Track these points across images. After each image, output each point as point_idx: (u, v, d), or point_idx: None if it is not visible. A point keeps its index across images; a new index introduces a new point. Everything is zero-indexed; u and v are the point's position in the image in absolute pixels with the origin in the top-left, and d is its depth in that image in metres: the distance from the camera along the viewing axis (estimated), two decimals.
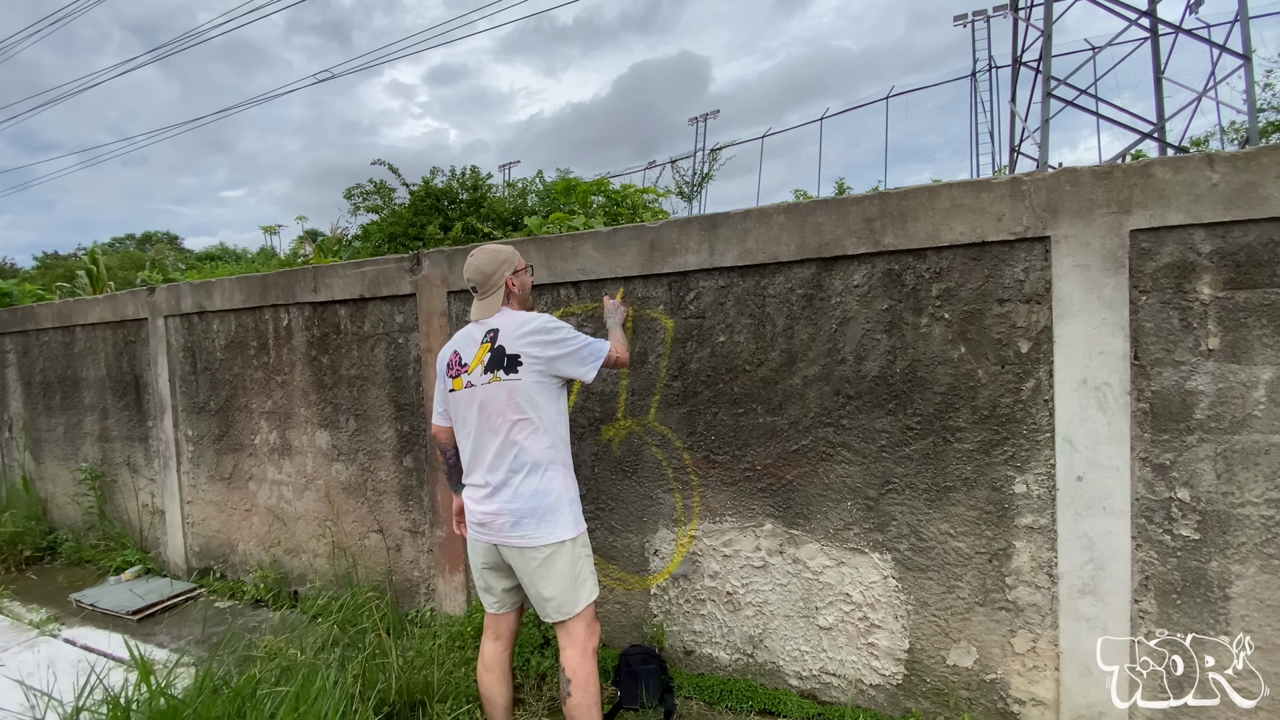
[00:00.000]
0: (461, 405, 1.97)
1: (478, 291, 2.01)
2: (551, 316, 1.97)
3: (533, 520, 1.86)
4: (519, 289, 2.07)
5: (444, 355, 2.06)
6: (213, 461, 3.93)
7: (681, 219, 2.36)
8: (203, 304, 3.82)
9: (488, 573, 2.02)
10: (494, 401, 1.89)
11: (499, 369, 1.89)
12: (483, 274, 1.99)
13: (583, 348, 1.94)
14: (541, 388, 1.90)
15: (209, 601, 3.80)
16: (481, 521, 1.93)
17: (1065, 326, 1.88)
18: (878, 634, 2.18)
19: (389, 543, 3.22)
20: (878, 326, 2.11)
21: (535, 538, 1.86)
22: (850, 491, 2.18)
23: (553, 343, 1.90)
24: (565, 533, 1.88)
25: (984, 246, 1.96)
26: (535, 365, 1.88)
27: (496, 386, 1.89)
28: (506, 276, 2.02)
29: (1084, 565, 1.90)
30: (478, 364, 1.93)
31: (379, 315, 3.16)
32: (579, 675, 1.88)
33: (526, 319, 1.94)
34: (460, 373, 1.97)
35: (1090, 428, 1.86)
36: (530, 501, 1.86)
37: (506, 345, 1.90)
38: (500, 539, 1.90)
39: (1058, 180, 1.87)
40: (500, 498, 1.88)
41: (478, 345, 1.95)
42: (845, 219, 2.10)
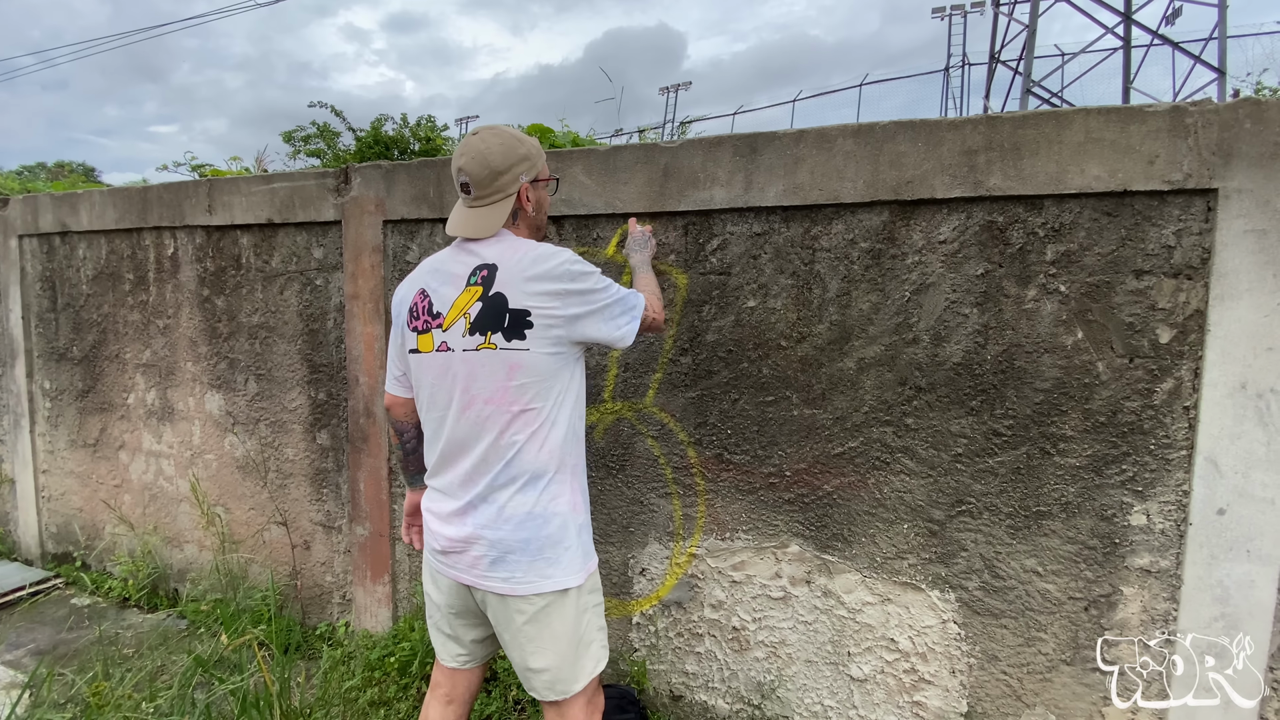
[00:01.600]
0: (430, 375, 1.34)
1: (469, 192, 1.33)
2: (573, 252, 1.32)
3: (523, 557, 1.27)
4: (534, 208, 1.41)
5: (403, 294, 1.42)
6: (75, 423, 3.13)
7: (710, 137, 1.77)
8: (66, 222, 2.98)
9: (452, 617, 1.43)
10: (484, 380, 1.26)
11: (494, 329, 1.25)
12: (488, 168, 1.31)
13: (616, 300, 1.34)
14: (558, 360, 1.29)
15: (65, 596, 3.03)
16: (446, 549, 1.34)
17: (1225, 311, 1.41)
18: (927, 691, 1.71)
19: (295, 538, 2.56)
20: (967, 298, 1.59)
21: (524, 583, 1.28)
22: (909, 511, 1.68)
23: (579, 294, 1.28)
24: (569, 577, 1.30)
25: (1124, 198, 1.46)
26: (552, 327, 1.26)
27: (490, 357, 1.25)
28: (523, 182, 1.36)
29: (1213, 622, 1.47)
30: (458, 315, 1.29)
31: (292, 247, 2.45)
32: None
33: (541, 253, 1.29)
34: (430, 326, 1.32)
35: (1244, 447, 1.41)
36: (521, 530, 1.27)
37: (508, 293, 1.25)
38: (473, 579, 1.31)
39: (1235, 114, 1.38)
40: (476, 519, 1.29)
41: (460, 286, 1.30)
42: (937, 149, 1.56)
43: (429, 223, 2.18)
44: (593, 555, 1.39)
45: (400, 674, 2.04)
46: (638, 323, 1.37)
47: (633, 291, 1.40)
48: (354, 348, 2.34)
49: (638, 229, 1.76)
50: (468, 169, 1.32)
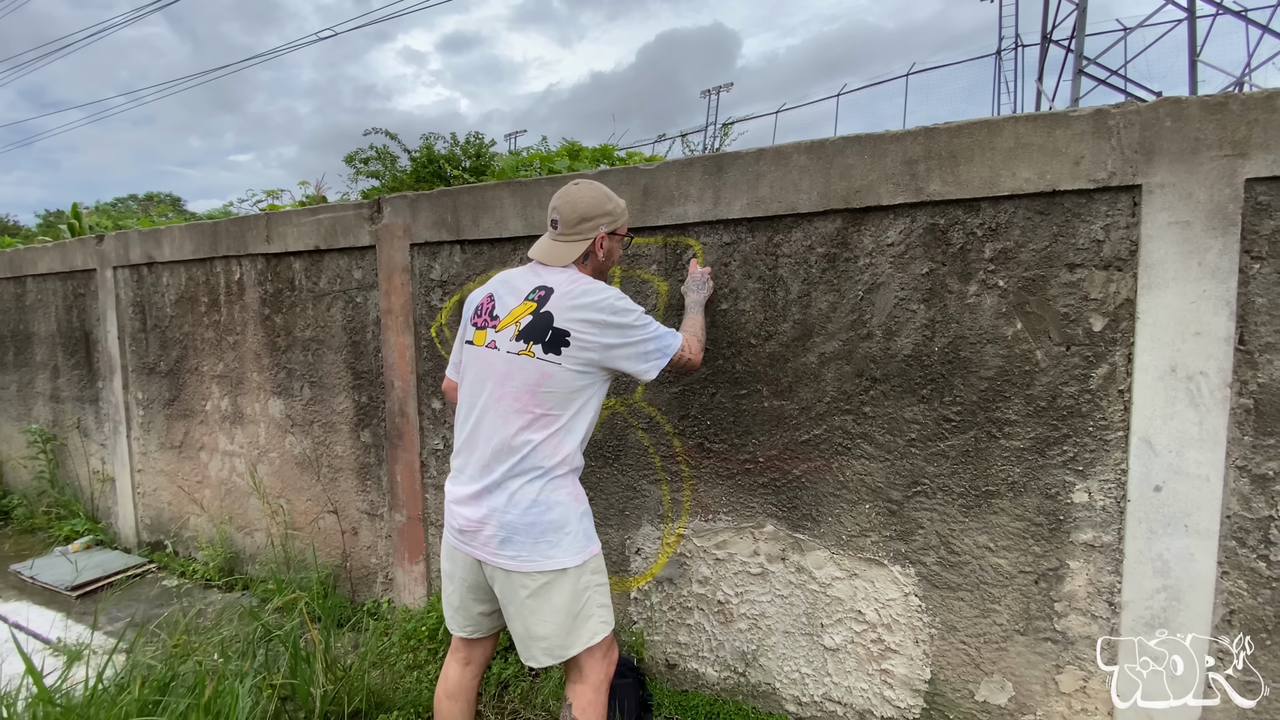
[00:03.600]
0: (475, 368, 1.56)
1: (556, 227, 1.58)
2: (623, 294, 1.53)
3: (527, 539, 1.46)
4: (604, 255, 1.62)
5: (475, 296, 1.66)
6: (163, 428, 3.60)
7: (683, 159, 1.97)
8: (152, 254, 3.45)
9: (465, 590, 1.62)
10: (516, 381, 1.47)
11: (536, 341, 1.46)
12: (575, 213, 1.56)
13: (650, 339, 1.52)
14: (584, 380, 1.49)
15: (157, 579, 3.50)
16: (463, 528, 1.53)
17: (1153, 300, 1.50)
18: (893, 659, 1.85)
19: (344, 525, 2.90)
20: (914, 295, 1.73)
21: (527, 561, 1.46)
22: (869, 492, 1.83)
23: (617, 327, 1.47)
24: (567, 558, 1.48)
25: (1054, 197, 1.57)
26: (585, 351, 1.46)
27: (526, 363, 1.46)
28: (601, 232, 1.58)
29: (1155, 594, 1.55)
30: (511, 322, 1.51)
31: (336, 270, 2.79)
32: (587, 716, 1.53)
33: (591, 288, 1.50)
34: (488, 325, 1.55)
35: (1177, 426, 1.50)
36: (527, 514, 1.46)
37: (556, 314, 1.46)
38: (485, 555, 1.50)
39: (1155, 114, 1.47)
40: (489, 503, 1.48)
41: (520, 298, 1.53)
42: (881, 160, 1.71)
43: (448, 244, 2.47)
44: (594, 541, 1.55)
45: (429, 639, 2.32)
46: (664, 362, 1.55)
47: (671, 332, 1.57)
48: (389, 356, 2.65)
49: (698, 271, 1.91)
50: (560, 209, 1.57)
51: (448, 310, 2.49)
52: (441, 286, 2.50)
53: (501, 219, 2.30)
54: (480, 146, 15.01)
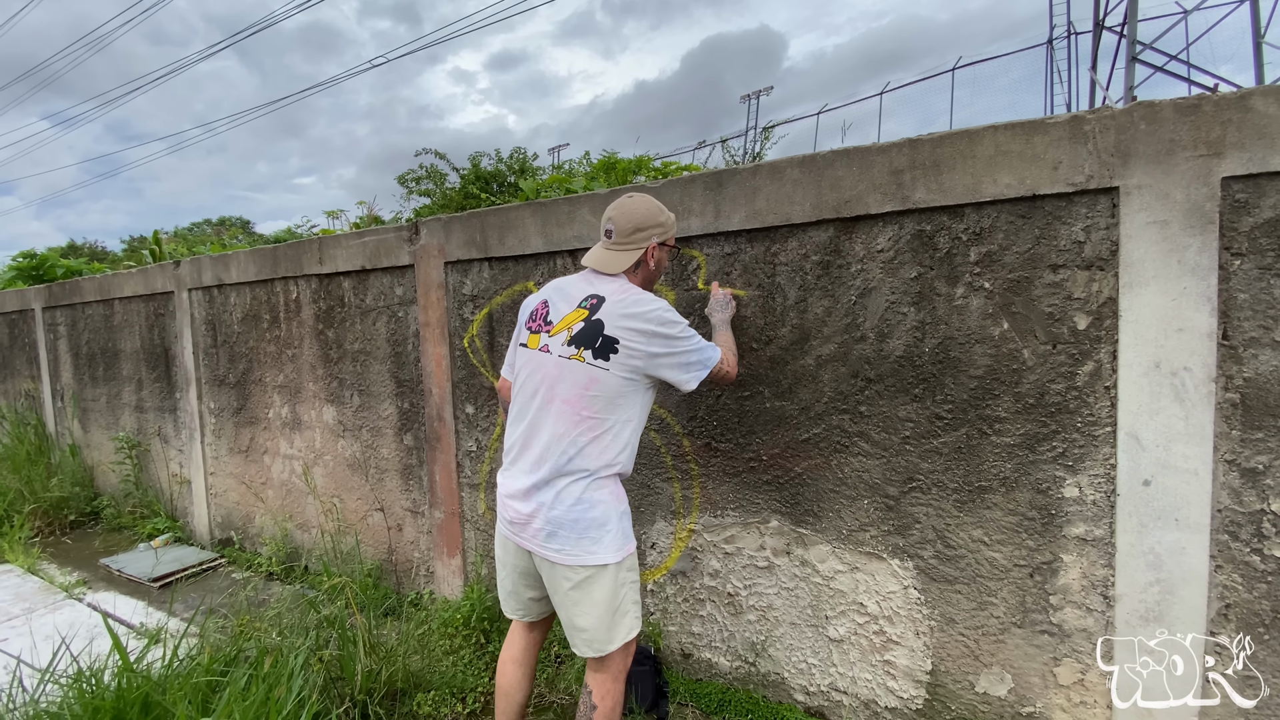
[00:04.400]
0: (527, 370, 1.67)
1: (610, 236, 1.67)
2: (670, 306, 1.62)
3: (571, 534, 1.55)
4: (654, 265, 1.71)
5: (531, 302, 1.76)
6: (232, 434, 3.95)
7: (685, 177, 2.11)
8: (221, 277, 3.82)
9: (516, 576, 1.74)
10: (567, 385, 1.57)
11: (587, 347, 1.56)
12: (631, 223, 1.65)
13: (693, 351, 1.61)
14: (629, 386, 1.57)
15: (227, 572, 3.83)
16: (513, 520, 1.64)
17: (1135, 298, 1.54)
18: (895, 651, 1.91)
19: (390, 522, 3.13)
20: (904, 298, 1.81)
21: (571, 555, 1.56)
22: (867, 488, 1.91)
23: (663, 338, 1.56)
24: (608, 554, 1.56)
25: (1035, 201, 1.64)
26: (632, 358, 1.55)
27: (576, 367, 1.56)
28: (653, 242, 1.68)
29: (1149, 587, 1.58)
30: (564, 328, 1.61)
31: (380, 287, 3.04)
32: (605, 703, 1.63)
33: (641, 298, 1.59)
34: (541, 330, 1.66)
35: (1163, 422, 1.53)
36: (572, 510, 1.55)
37: (606, 322, 1.56)
38: (533, 546, 1.61)
39: (1130, 117, 1.52)
40: (538, 498, 1.58)
41: (573, 305, 1.64)
42: (869, 172, 1.81)
43: (478, 261, 2.67)
44: (631, 539, 1.63)
45: (464, 626, 2.51)
46: (705, 373, 1.63)
47: (712, 346, 1.66)
48: (427, 365, 2.88)
49: (720, 292, 2.00)
50: (615, 220, 1.67)
51: (478, 322, 2.70)
52: (473, 300, 2.71)
53: (524, 237, 2.48)
54: (524, 161, 15.45)
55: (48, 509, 4.68)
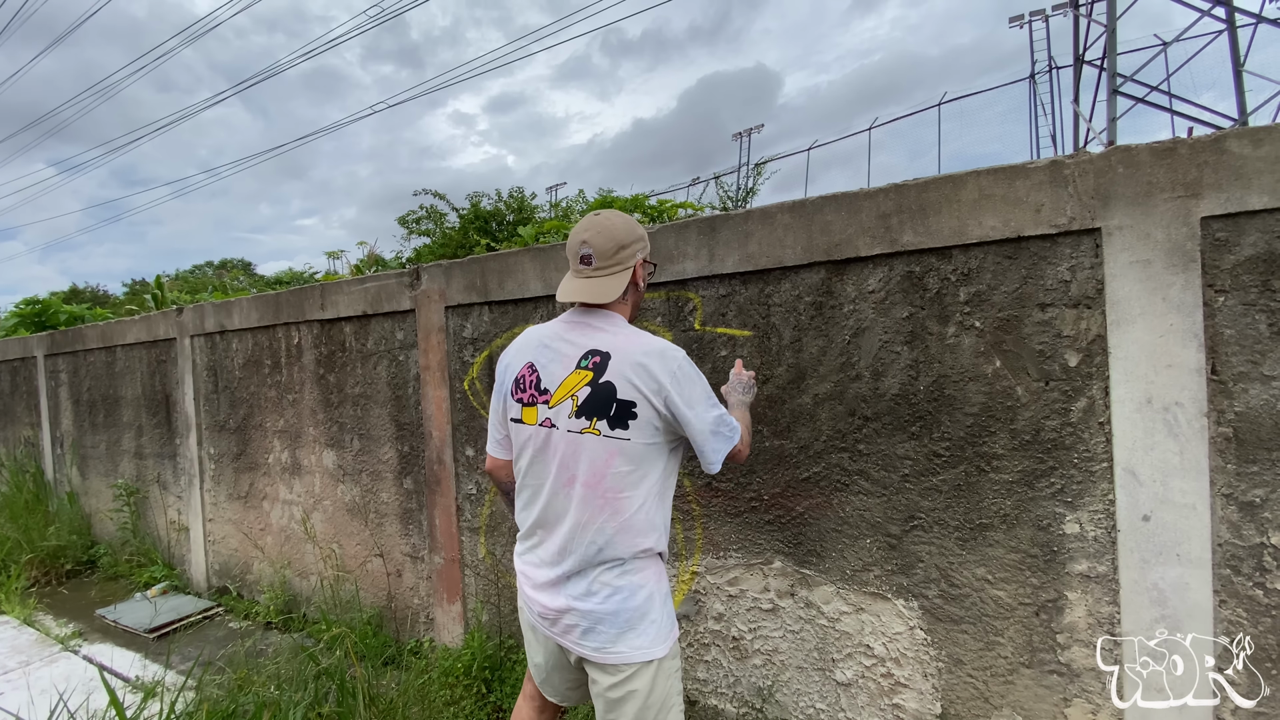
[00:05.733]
0: (532, 447, 1.42)
1: (590, 263, 1.40)
2: (686, 355, 1.40)
3: (612, 629, 1.37)
4: (643, 284, 1.51)
5: (509, 362, 1.51)
6: (231, 480, 3.94)
7: (679, 222, 2.16)
8: (223, 323, 3.86)
9: (550, 670, 1.56)
10: (585, 463, 1.35)
11: (600, 417, 1.33)
12: (613, 241, 1.40)
13: (719, 418, 1.39)
14: (655, 450, 1.36)
15: (224, 621, 3.77)
16: (543, 614, 1.45)
17: (1123, 335, 1.57)
18: (904, 694, 1.88)
19: (389, 568, 3.10)
20: (897, 337, 1.84)
21: (614, 653, 1.37)
22: (869, 527, 1.90)
23: (685, 400, 1.33)
24: (656, 649, 1.39)
25: (1021, 243, 1.68)
26: (653, 419, 1.34)
27: (593, 442, 1.34)
28: (639, 258, 1.45)
29: (1154, 624, 1.57)
30: (566, 396, 1.37)
31: (381, 332, 3.08)
32: None
33: (648, 348, 1.36)
34: (536, 400, 1.41)
35: (1158, 457, 1.54)
36: (610, 603, 1.36)
37: (618, 384, 1.33)
38: (568, 644, 1.43)
39: (1108, 161, 1.58)
40: (570, 591, 1.39)
41: (570, 367, 1.39)
42: (857, 216, 1.85)
43: (478, 305, 2.71)
44: (675, 625, 1.46)
45: (465, 675, 2.46)
46: (730, 447, 1.41)
47: (731, 419, 1.43)
48: (428, 409, 2.89)
49: (744, 375, 1.76)
50: (593, 241, 1.39)
51: (478, 365, 2.72)
52: (473, 344, 2.74)
53: (523, 281, 2.53)
54: (522, 201, 15.69)
55: (44, 558, 4.63)
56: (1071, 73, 15.37)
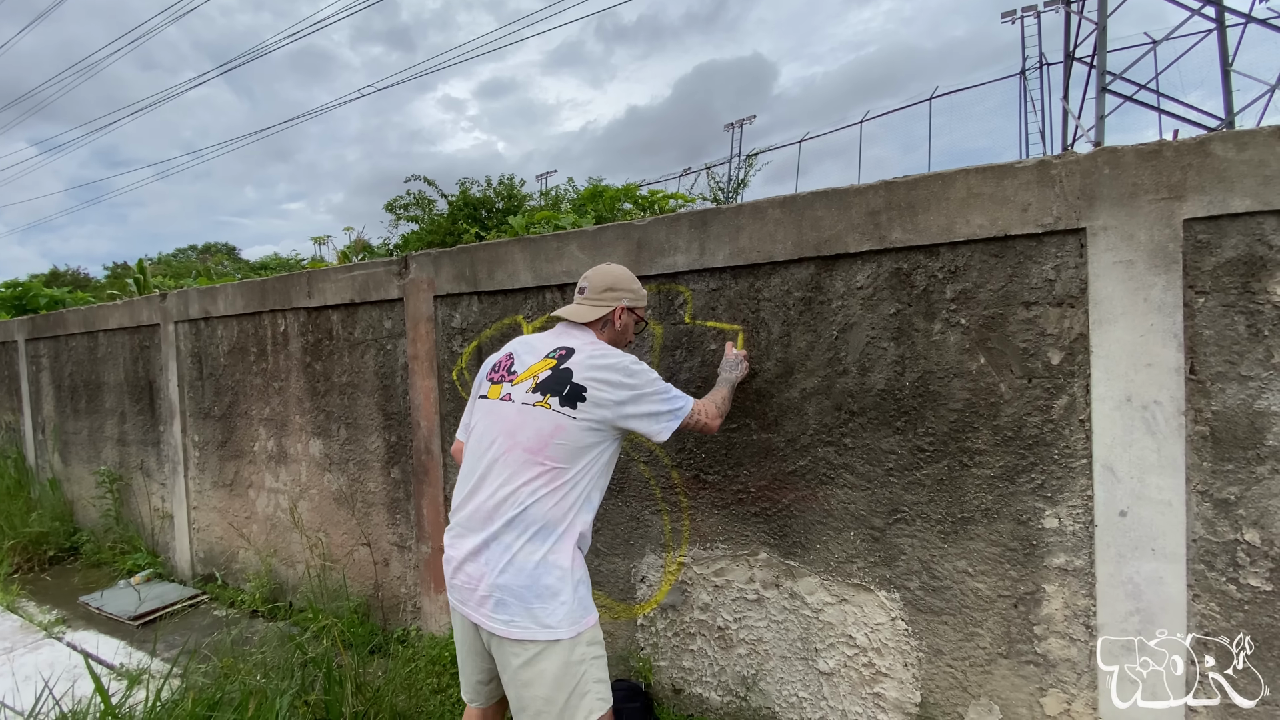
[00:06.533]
0: (484, 421, 1.58)
1: (583, 293, 1.71)
2: (640, 360, 1.61)
3: (521, 604, 1.42)
4: (619, 326, 1.72)
5: (494, 357, 1.72)
6: (216, 468, 3.91)
7: (670, 215, 2.16)
8: (208, 309, 3.81)
9: (465, 655, 1.62)
10: (529, 431, 1.49)
11: (554, 394, 1.51)
12: (604, 282, 1.71)
13: (662, 399, 1.57)
14: (594, 435, 1.51)
15: (209, 609, 3.76)
16: (462, 585, 1.51)
17: (1104, 334, 1.60)
18: (885, 683, 1.92)
19: (376, 557, 3.10)
20: (884, 333, 1.86)
21: (521, 628, 1.42)
22: (853, 520, 1.93)
23: (630, 386, 1.52)
24: (564, 630, 1.43)
25: (1007, 241, 1.70)
26: (599, 408, 1.50)
27: (541, 414, 1.49)
28: (622, 304, 1.70)
29: (1129, 617, 1.60)
30: (529, 376, 1.56)
31: (369, 320, 3.06)
32: None
33: (608, 351, 1.59)
34: (504, 380, 1.61)
35: (1136, 454, 1.57)
36: (524, 577, 1.42)
37: (575, 370, 1.52)
38: (480, 618, 1.47)
39: (1094, 162, 1.59)
40: (486, 559, 1.45)
41: (539, 356, 1.60)
42: (847, 212, 1.86)
43: (467, 295, 2.70)
44: (591, 610, 1.50)
45: (452, 663, 2.47)
46: (676, 424, 1.58)
47: (682, 395, 1.62)
48: (415, 398, 2.88)
49: (733, 353, 1.98)
50: (590, 278, 1.72)
51: (466, 355, 2.71)
52: (461, 334, 2.73)
53: (513, 271, 2.52)
54: (512, 188, 15.53)
55: (27, 544, 4.58)
56: (1062, 69, 15.43)
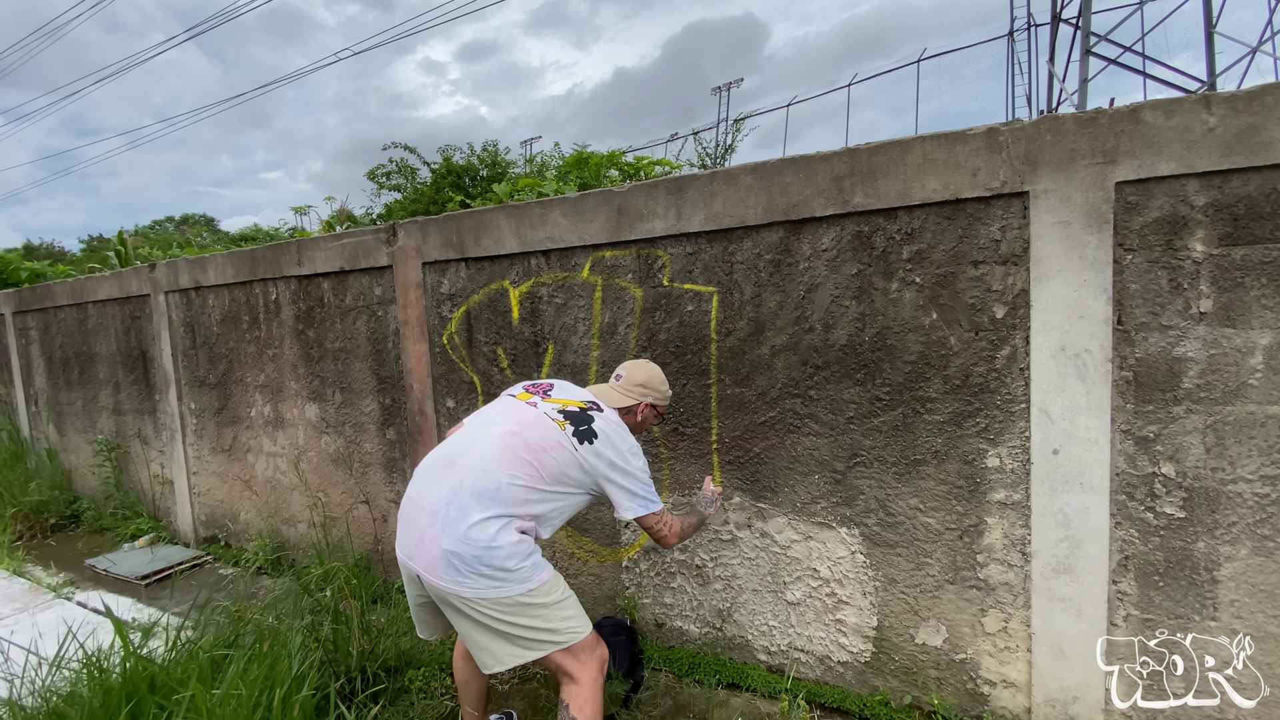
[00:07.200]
0: (507, 407, 1.76)
1: (619, 379, 1.91)
2: (641, 452, 1.78)
3: (468, 568, 1.51)
4: (640, 418, 1.92)
5: (535, 381, 1.95)
6: (214, 434, 4.02)
7: (649, 182, 2.26)
8: (199, 279, 3.87)
9: (417, 605, 1.74)
10: (536, 433, 1.65)
11: (572, 424, 1.69)
12: (638, 379, 1.90)
13: (643, 488, 1.73)
14: (578, 474, 1.66)
15: (214, 568, 3.91)
16: (408, 536, 1.61)
17: (1043, 289, 1.75)
18: (845, 610, 2.11)
19: (375, 514, 3.26)
20: (846, 293, 2.00)
21: (468, 587, 1.52)
22: (818, 464, 2.10)
23: (626, 463, 1.70)
24: (510, 588, 1.53)
25: (958, 204, 1.83)
26: (595, 458, 1.67)
27: (555, 428, 1.67)
28: (648, 399, 1.90)
29: (1059, 543, 1.80)
30: (560, 403, 1.76)
31: (359, 288, 3.15)
32: (585, 713, 1.60)
33: (625, 432, 1.77)
34: (538, 394, 1.79)
35: (1068, 398, 1.74)
36: (473, 547, 1.51)
37: (596, 426, 1.71)
38: (429, 576, 1.55)
39: (1038, 129, 1.72)
40: (444, 520, 1.53)
41: (577, 398, 1.79)
42: (813, 178, 1.98)
43: (454, 262, 2.80)
44: (541, 569, 1.59)
45: None
46: (643, 512, 1.72)
47: (658, 500, 1.76)
48: (408, 362, 3.00)
49: (711, 489, 2.07)
50: (629, 371, 1.91)
51: (456, 320, 2.83)
52: (450, 299, 2.84)
53: (500, 238, 2.62)
54: (496, 155, 15.29)
55: (28, 512, 4.69)
56: (1049, 31, 15.34)
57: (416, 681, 2.34)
